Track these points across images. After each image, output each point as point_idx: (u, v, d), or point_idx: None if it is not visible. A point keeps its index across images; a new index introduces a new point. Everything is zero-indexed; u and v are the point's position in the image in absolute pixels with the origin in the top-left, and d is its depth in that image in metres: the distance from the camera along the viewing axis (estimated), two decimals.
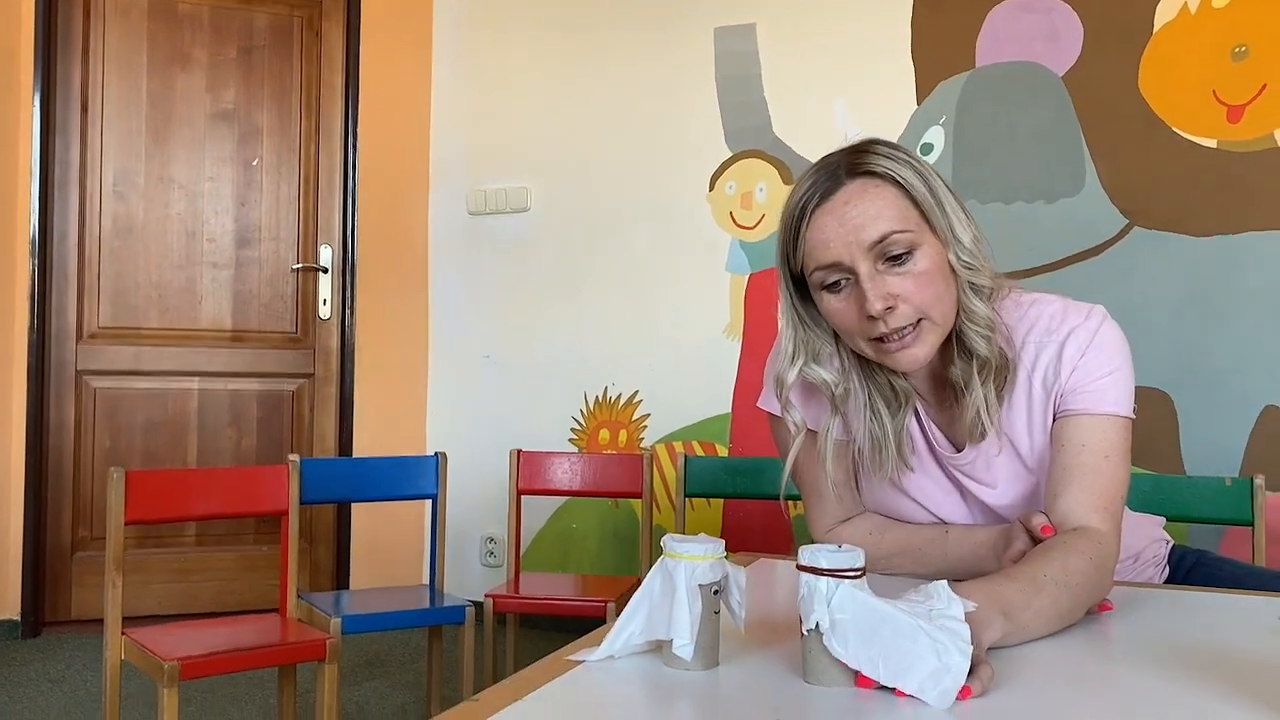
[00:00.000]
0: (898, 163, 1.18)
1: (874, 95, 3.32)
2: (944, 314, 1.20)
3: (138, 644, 2.00)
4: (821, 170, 1.20)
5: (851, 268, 1.17)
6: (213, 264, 3.79)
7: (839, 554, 0.87)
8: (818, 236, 1.18)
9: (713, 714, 0.83)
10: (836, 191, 1.17)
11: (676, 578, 0.90)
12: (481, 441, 3.77)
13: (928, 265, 1.17)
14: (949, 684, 0.82)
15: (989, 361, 1.22)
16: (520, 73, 3.84)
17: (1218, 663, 0.94)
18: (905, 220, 1.16)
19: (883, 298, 1.16)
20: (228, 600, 3.72)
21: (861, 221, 1.16)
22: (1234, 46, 2.91)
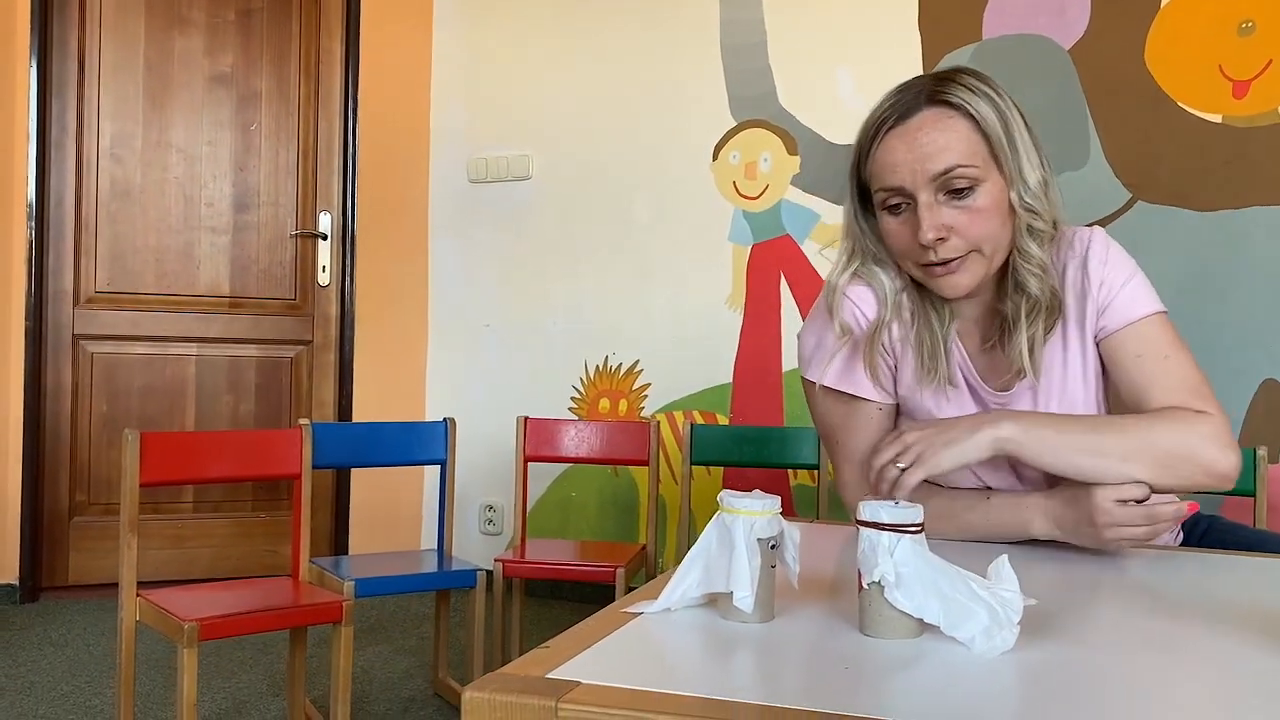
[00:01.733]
0: (978, 96, 1.21)
1: (880, 66, 3.31)
2: (994, 250, 1.24)
3: (154, 605, 2.00)
4: (903, 92, 1.24)
5: (912, 194, 1.20)
6: (211, 229, 3.76)
7: (899, 509, 0.88)
8: (886, 158, 1.22)
9: (779, 664, 0.85)
10: (912, 116, 1.21)
11: (735, 532, 0.91)
12: (481, 410, 3.78)
13: (987, 202, 1.21)
14: (998, 640, 0.83)
15: (1039, 301, 1.25)
16: (522, 39, 3.82)
17: (1246, 617, 0.96)
18: (973, 156, 1.20)
19: (936, 228, 1.20)
20: (224, 567, 3.73)
21: (930, 151, 1.19)
22: (1241, 22, 2.92)
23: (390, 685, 2.74)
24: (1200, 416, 1.22)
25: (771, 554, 0.92)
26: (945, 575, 0.87)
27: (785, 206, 3.41)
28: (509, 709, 0.72)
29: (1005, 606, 0.84)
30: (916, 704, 0.73)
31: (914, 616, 0.86)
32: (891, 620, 0.87)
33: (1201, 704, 0.76)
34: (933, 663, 0.82)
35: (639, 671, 0.80)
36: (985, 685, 0.77)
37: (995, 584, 0.87)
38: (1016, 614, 0.84)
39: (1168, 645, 0.89)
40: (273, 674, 2.79)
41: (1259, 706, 0.73)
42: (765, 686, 0.80)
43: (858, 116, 3.60)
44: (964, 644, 0.84)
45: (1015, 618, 0.84)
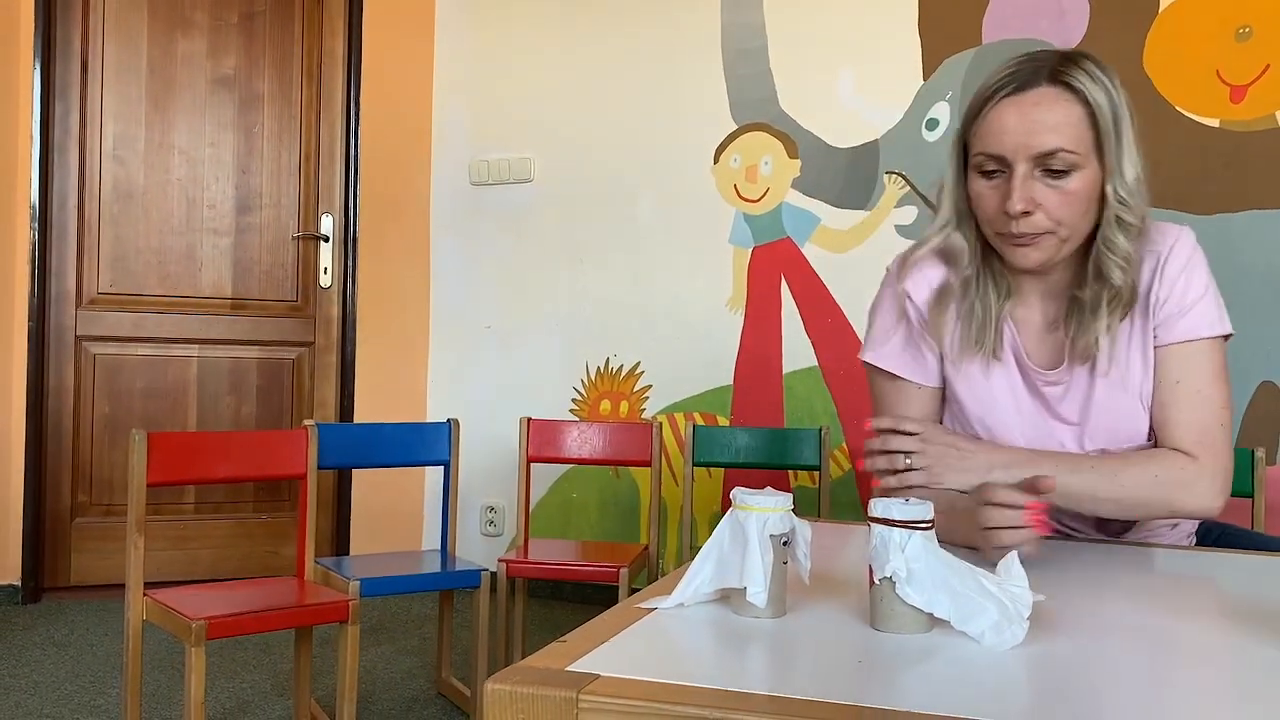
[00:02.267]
0: (1097, 85, 1.23)
1: (880, 70, 3.34)
2: (1073, 233, 1.26)
3: (161, 604, 2.01)
4: (1026, 63, 1.25)
5: (1011, 163, 1.23)
6: (213, 231, 3.77)
7: (910, 506, 0.90)
8: (996, 123, 1.24)
9: (793, 658, 0.86)
10: (1030, 89, 1.22)
11: (748, 529, 0.92)
12: (482, 411, 3.79)
13: (1079, 187, 1.23)
14: (1007, 635, 0.85)
15: (1121, 292, 1.28)
16: (524, 42, 3.84)
17: (1252, 613, 0.98)
18: (1079, 141, 1.22)
19: (1026, 200, 1.22)
20: (226, 567, 3.74)
21: (1039, 128, 1.21)
22: (1238, 27, 2.95)
23: (393, 685, 2.75)
24: (1190, 465, 1.28)
25: (784, 550, 0.94)
26: (955, 571, 0.88)
27: (786, 209, 3.43)
28: (530, 700, 0.74)
29: (1015, 601, 0.86)
30: (928, 696, 0.75)
31: (924, 611, 0.88)
32: (902, 615, 0.89)
33: (1208, 697, 0.77)
34: (943, 656, 0.84)
35: (655, 665, 0.82)
36: (996, 678, 0.79)
37: (1005, 580, 0.88)
38: (1026, 609, 0.86)
39: (1175, 640, 0.91)
40: (276, 674, 2.81)
41: (1266, 700, 0.75)
42: (780, 679, 0.82)
43: (858, 120, 3.63)
44: (974, 638, 0.86)
45: (1025, 612, 0.85)
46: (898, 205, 3.31)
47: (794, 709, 0.70)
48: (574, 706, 0.73)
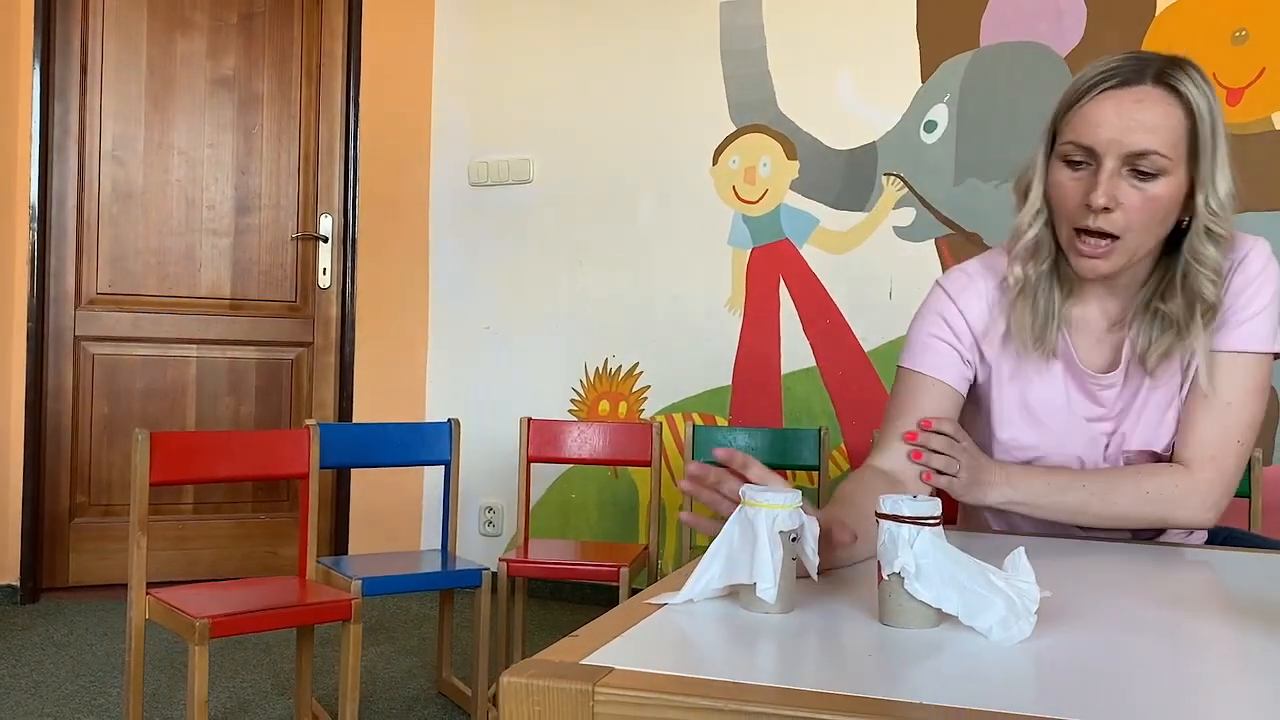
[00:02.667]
0: (1201, 94, 1.21)
1: (879, 72, 3.35)
2: (1142, 242, 1.25)
3: (164, 603, 2.02)
4: (1131, 60, 1.24)
5: (1100, 157, 1.21)
6: (212, 231, 3.78)
7: (918, 503, 0.91)
8: (1094, 114, 1.22)
9: (803, 653, 0.87)
10: (1133, 86, 1.21)
11: (757, 525, 0.93)
12: (481, 412, 3.80)
13: (1163, 192, 1.22)
14: (1015, 630, 0.86)
15: (1214, 306, 1.27)
16: (523, 44, 3.85)
17: (1256, 609, 0.99)
18: (1174, 147, 1.20)
19: (1109, 196, 1.20)
20: (225, 568, 3.74)
21: (1138, 126, 1.19)
22: (1234, 30, 2.97)
23: (393, 685, 2.76)
24: (1184, 481, 1.29)
25: (793, 546, 0.95)
26: (963, 566, 0.89)
27: (784, 211, 3.45)
28: (546, 693, 0.74)
29: (1023, 597, 0.87)
30: (938, 689, 0.76)
31: (933, 606, 0.89)
32: (911, 610, 0.90)
33: (1215, 690, 0.78)
34: (952, 651, 0.85)
35: (667, 659, 0.82)
36: (1004, 671, 0.80)
37: (1012, 575, 0.89)
38: (1034, 604, 0.86)
39: (1182, 635, 0.92)
40: (277, 673, 2.81)
41: (1271, 694, 0.76)
42: (791, 673, 0.83)
43: (856, 122, 3.65)
44: (982, 633, 0.87)
45: (1032, 608, 0.86)
46: (896, 207, 3.32)
47: (807, 701, 0.71)
48: (589, 699, 0.73)
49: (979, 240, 3.22)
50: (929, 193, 3.29)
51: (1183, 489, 1.29)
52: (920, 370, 1.37)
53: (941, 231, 3.27)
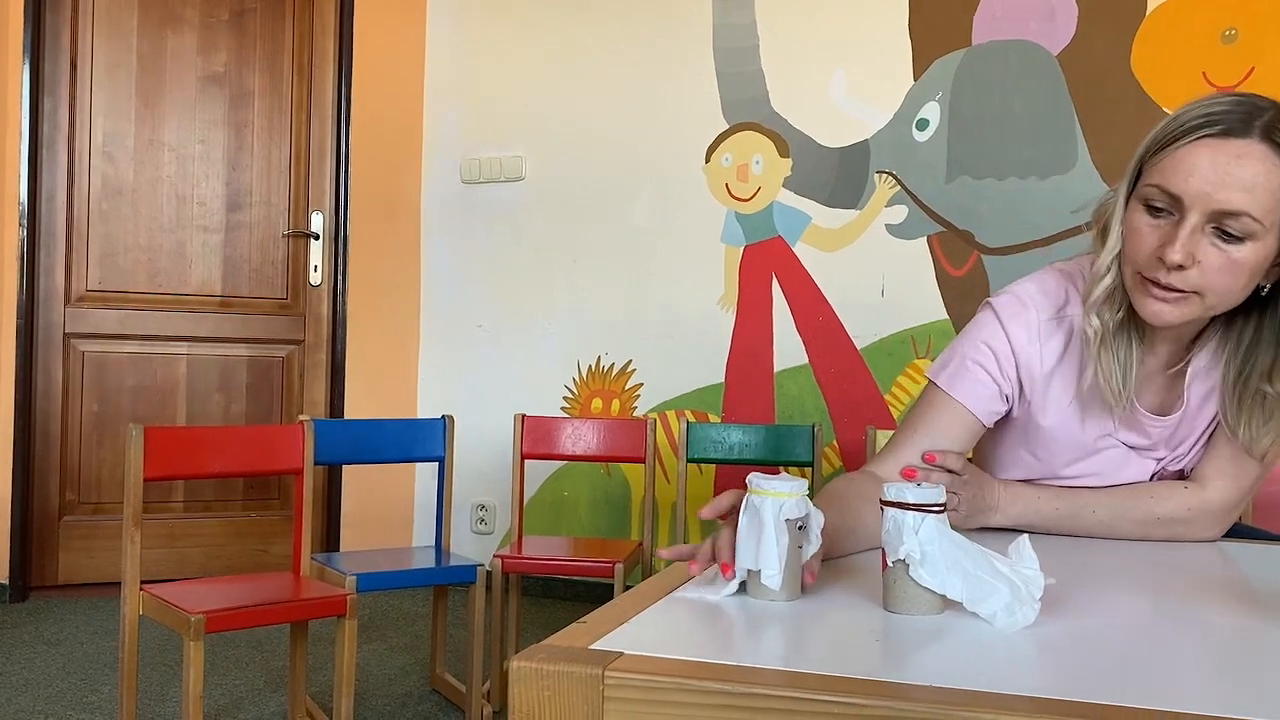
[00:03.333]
0: None
1: (871, 70, 3.36)
2: (1219, 304, 1.18)
3: (158, 598, 2.01)
4: (1239, 108, 1.13)
5: (1185, 209, 1.12)
6: (203, 228, 3.76)
7: (923, 490, 0.91)
8: (1186, 162, 1.12)
9: (810, 638, 0.87)
10: (1236, 139, 1.10)
11: (764, 513, 0.93)
12: (473, 410, 3.79)
13: (1248, 258, 1.13)
14: (1019, 616, 0.86)
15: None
16: (515, 41, 3.84)
17: (1256, 594, 1.00)
18: (1268, 212, 1.11)
19: (1186, 255, 1.12)
20: (215, 565, 3.72)
21: (1232, 183, 1.10)
22: (1224, 29, 2.99)
23: (387, 681, 2.75)
24: (1195, 503, 1.30)
25: (799, 534, 0.95)
26: (968, 553, 0.90)
27: (777, 208, 3.45)
28: (557, 677, 0.75)
29: (1027, 583, 0.87)
30: (943, 673, 0.76)
31: (937, 593, 0.89)
32: (915, 597, 0.90)
33: (1218, 675, 0.79)
34: (956, 636, 0.85)
35: (675, 644, 0.83)
36: (1008, 655, 0.80)
37: (1016, 562, 0.90)
38: (1038, 590, 0.87)
39: (1183, 621, 0.92)
40: (269, 670, 2.80)
41: (1271, 675, 0.77)
42: (799, 657, 0.83)
43: (849, 120, 3.65)
44: (985, 619, 0.87)
45: (1037, 594, 0.87)
46: (888, 205, 3.33)
47: (818, 684, 0.71)
48: (599, 683, 0.74)
49: (970, 238, 3.23)
50: (921, 190, 3.30)
51: (1195, 511, 1.29)
52: (953, 394, 1.31)
53: (934, 229, 3.28)
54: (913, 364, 3.30)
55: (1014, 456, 1.40)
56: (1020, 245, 3.18)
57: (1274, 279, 1.17)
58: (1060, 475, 1.36)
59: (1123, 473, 1.34)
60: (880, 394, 3.32)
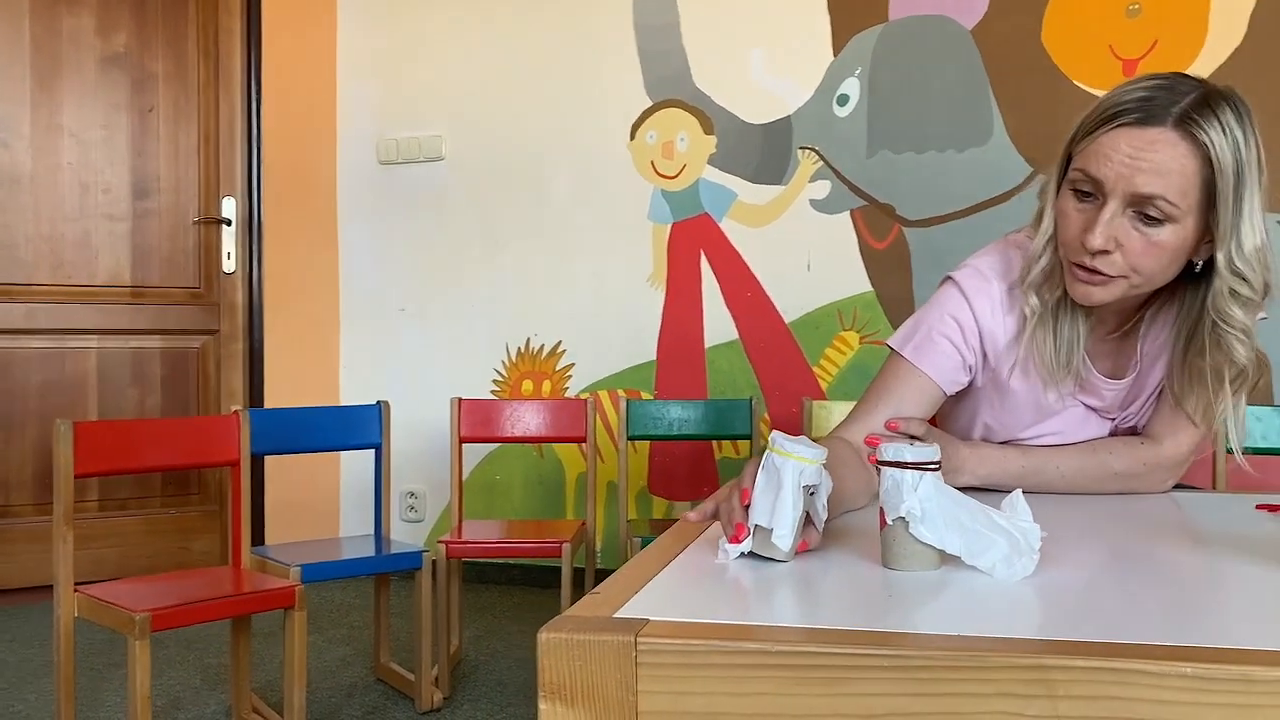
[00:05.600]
0: (1227, 140, 1.13)
1: (791, 46, 3.39)
2: (1146, 284, 1.21)
3: (95, 599, 1.94)
4: (1160, 93, 1.14)
5: (1106, 194, 1.15)
6: (109, 216, 3.62)
7: (918, 449, 0.93)
8: (1106, 148, 1.14)
9: (823, 597, 0.88)
10: (1152, 126, 1.13)
11: (784, 473, 0.94)
12: (399, 395, 3.71)
13: (1168, 240, 1.16)
14: (1018, 567, 0.89)
15: (1245, 370, 1.24)
16: (431, 17, 3.77)
17: (1217, 539, 1.05)
18: (1184, 195, 1.13)
19: (1106, 239, 1.16)
20: (134, 566, 3.60)
21: (1147, 168, 1.12)
22: (1129, 4, 3.10)
23: (329, 673, 2.70)
24: (1150, 458, 1.35)
25: (811, 500, 0.96)
26: (965, 508, 0.92)
27: (703, 185, 3.47)
28: (588, 647, 0.74)
29: (1025, 535, 0.90)
30: (964, 622, 0.78)
31: (936, 548, 0.91)
32: (915, 553, 0.92)
33: (1198, 610, 0.83)
34: (958, 589, 0.87)
35: (694, 608, 0.83)
36: (1010, 604, 0.82)
37: (1012, 515, 0.93)
38: (1037, 541, 0.90)
39: (1160, 563, 0.97)
40: (205, 668, 2.72)
41: (1242, 608, 0.81)
42: (819, 615, 0.85)
43: (771, 96, 3.69)
44: (984, 572, 0.90)
45: (1036, 545, 0.89)
46: (811, 180, 3.38)
47: (851, 639, 0.73)
48: (632, 649, 0.73)
49: (892, 211, 3.30)
50: (843, 165, 3.35)
51: (1149, 466, 1.35)
52: (917, 365, 1.35)
53: (857, 203, 3.34)
54: (840, 336, 3.36)
55: (977, 420, 1.44)
56: (940, 217, 3.26)
57: (1205, 255, 1.20)
58: (1020, 437, 1.41)
59: (1082, 431, 1.39)
60: (809, 366, 3.38)
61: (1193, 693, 0.63)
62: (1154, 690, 0.63)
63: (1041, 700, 0.66)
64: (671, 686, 0.73)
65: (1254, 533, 1.10)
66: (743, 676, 0.72)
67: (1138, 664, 0.64)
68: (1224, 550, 1.01)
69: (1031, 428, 1.40)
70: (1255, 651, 0.65)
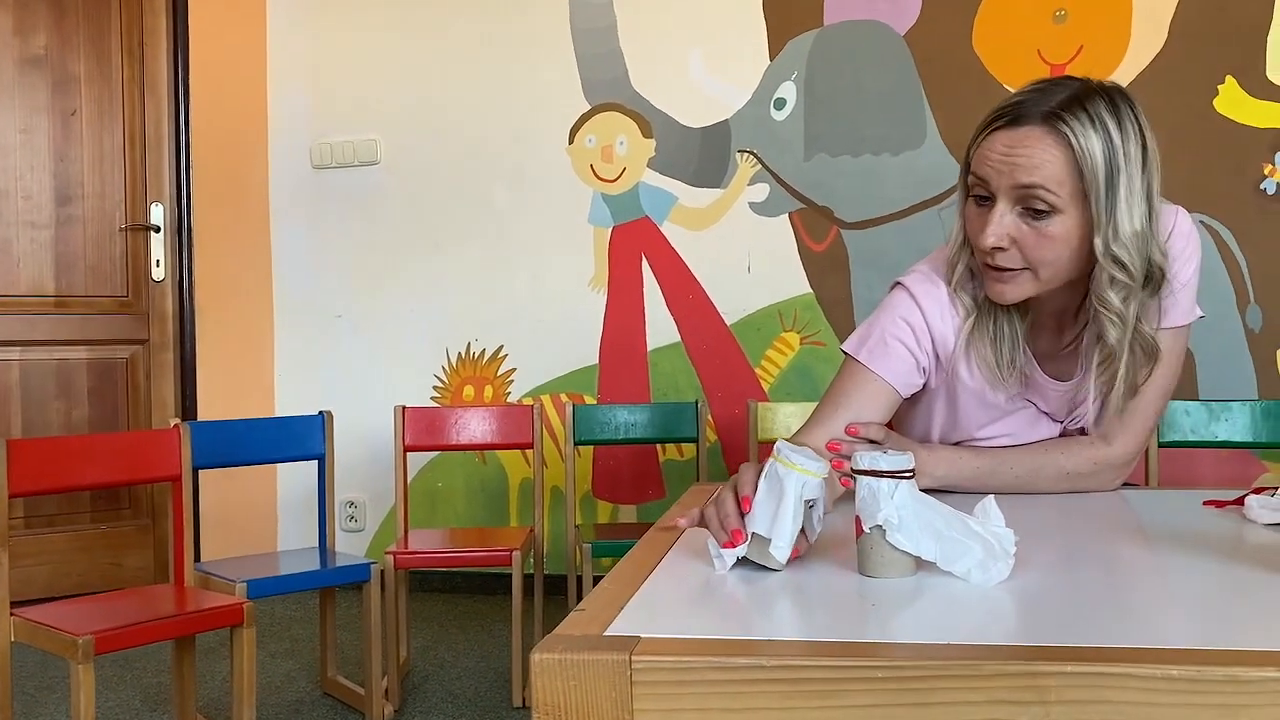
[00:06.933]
0: (1092, 131, 1.19)
1: (728, 50, 3.42)
2: (1053, 276, 1.26)
3: (33, 622, 1.87)
4: (1034, 94, 1.22)
5: (995, 193, 1.22)
6: (30, 224, 3.50)
7: (893, 458, 0.94)
8: (986, 150, 1.23)
9: (809, 609, 0.89)
10: (1020, 126, 1.20)
11: (787, 484, 0.94)
12: (336, 403, 3.64)
13: (1059, 231, 1.21)
14: (993, 572, 0.91)
15: (1114, 352, 1.28)
16: (366, 19, 3.72)
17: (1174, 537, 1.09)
18: (1060, 184, 1.19)
19: (998, 236, 1.22)
20: (64, 584, 3.49)
21: (1021, 164, 1.19)
22: (1055, 10, 3.18)
23: (275, 689, 2.65)
24: (1100, 457, 1.38)
25: (808, 513, 0.97)
26: (941, 515, 0.94)
27: (643, 189, 3.48)
28: (582, 667, 0.74)
29: (1000, 540, 0.92)
30: (952, 629, 0.80)
31: (912, 555, 0.93)
32: (891, 560, 0.93)
33: (1187, 617, 0.86)
34: (936, 596, 0.89)
35: (684, 623, 0.83)
36: (990, 609, 0.84)
37: (985, 521, 0.95)
38: (1011, 546, 0.92)
39: (1120, 563, 1.00)
40: (144, 688, 2.65)
41: (1196, 601, 0.84)
42: (808, 627, 0.86)
43: (709, 99, 3.71)
44: (960, 577, 0.91)
45: (1010, 550, 0.91)
46: (750, 183, 3.40)
47: (845, 651, 0.74)
48: (626, 668, 0.73)
49: (830, 214, 3.34)
50: (781, 168, 3.39)
51: (1100, 465, 1.38)
52: (872, 369, 1.36)
53: (795, 206, 3.37)
54: (780, 337, 3.39)
55: (932, 422, 1.46)
56: (876, 219, 3.31)
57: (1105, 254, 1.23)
58: (975, 438, 1.44)
59: (1034, 433, 1.42)
60: (751, 367, 3.40)
61: (1181, 694, 0.65)
62: (1143, 693, 0.65)
63: (1034, 706, 0.68)
64: (666, 704, 0.73)
65: (1208, 530, 1.13)
66: (737, 691, 0.72)
67: (1127, 668, 0.66)
68: (1184, 548, 1.04)
69: (984, 429, 1.43)
70: (1239, 652, 0.68)
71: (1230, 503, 1.25)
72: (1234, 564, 0.97)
